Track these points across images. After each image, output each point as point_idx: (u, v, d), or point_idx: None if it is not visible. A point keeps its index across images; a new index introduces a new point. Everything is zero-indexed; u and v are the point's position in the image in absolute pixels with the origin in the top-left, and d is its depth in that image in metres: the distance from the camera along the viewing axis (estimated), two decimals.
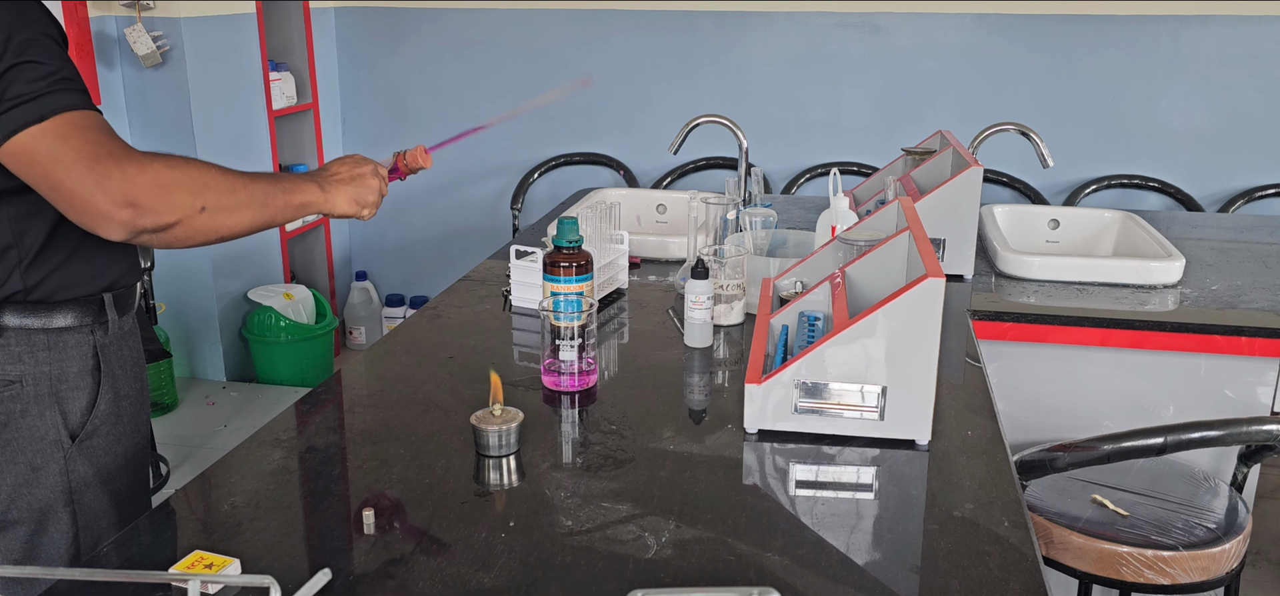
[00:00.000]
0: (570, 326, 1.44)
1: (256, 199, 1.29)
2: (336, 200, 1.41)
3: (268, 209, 1.31)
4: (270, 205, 1.31)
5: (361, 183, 1.45)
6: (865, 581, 1.02)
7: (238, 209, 1.27)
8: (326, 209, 1.41)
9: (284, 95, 3.91)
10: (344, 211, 1.43)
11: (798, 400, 1.31)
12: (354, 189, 1.44)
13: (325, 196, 1.40)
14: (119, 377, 1.38)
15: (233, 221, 1.27)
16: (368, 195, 1.45)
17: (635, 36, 3.93)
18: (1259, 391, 1.92)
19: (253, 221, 1.30)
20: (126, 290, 1.40)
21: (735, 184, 2.22)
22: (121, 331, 1.39)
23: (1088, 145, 3.68)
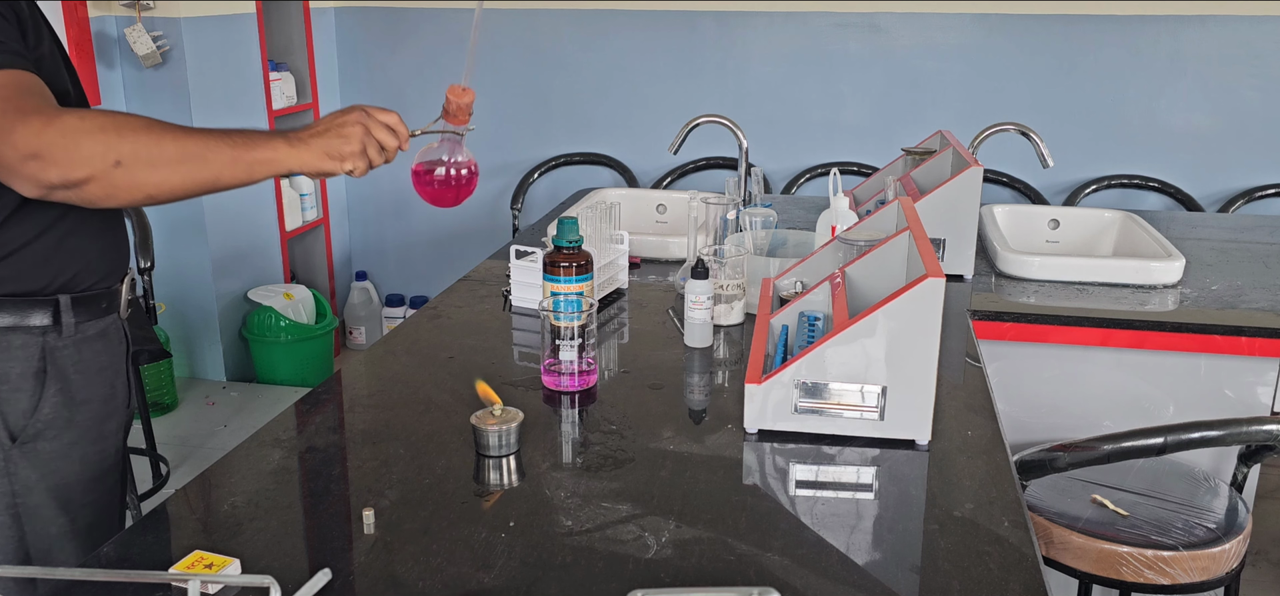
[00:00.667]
0: (570, 326, 1.44)
1: (190, 153, 1.17)
2: (304, 154, 1.24)
3: (208, 165, 1.18)
4: (211, 161, 1.18)
5: (338, 132, 1.26)
6: (865, 581, 1.02)
7: (164, 164, 1.15)
8: (295, 165, 1.24)
9: (284, 95, 3.91)
10: (317, 167, 1.25)
11: (798, 400, 1.31)
12: (327, 140, 1.25)
13: (293, 152, 1.23)
14: (74, 382, 1.30)
15: (159, 178, 1.16)
16: (345, 145, 1.25)
17: (635, 36, 3.93)
18: (1259, 391, 1.92)
19: (189, 179, 1.18)
20: (91, 291, 1.32)
21: (735, 184, 2.22)
22: (83, 335, 1.31)
23: (1088, 145, 3.68)
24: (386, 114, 1.30)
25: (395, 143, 1.30)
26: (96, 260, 1.32)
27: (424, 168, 1.37)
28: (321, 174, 1.26)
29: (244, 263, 3.82)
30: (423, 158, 1.39)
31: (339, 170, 1.27)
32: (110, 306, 1.36)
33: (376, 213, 4.41)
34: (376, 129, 1.28)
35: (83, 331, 1.31)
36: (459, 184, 1.33)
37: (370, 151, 1.28)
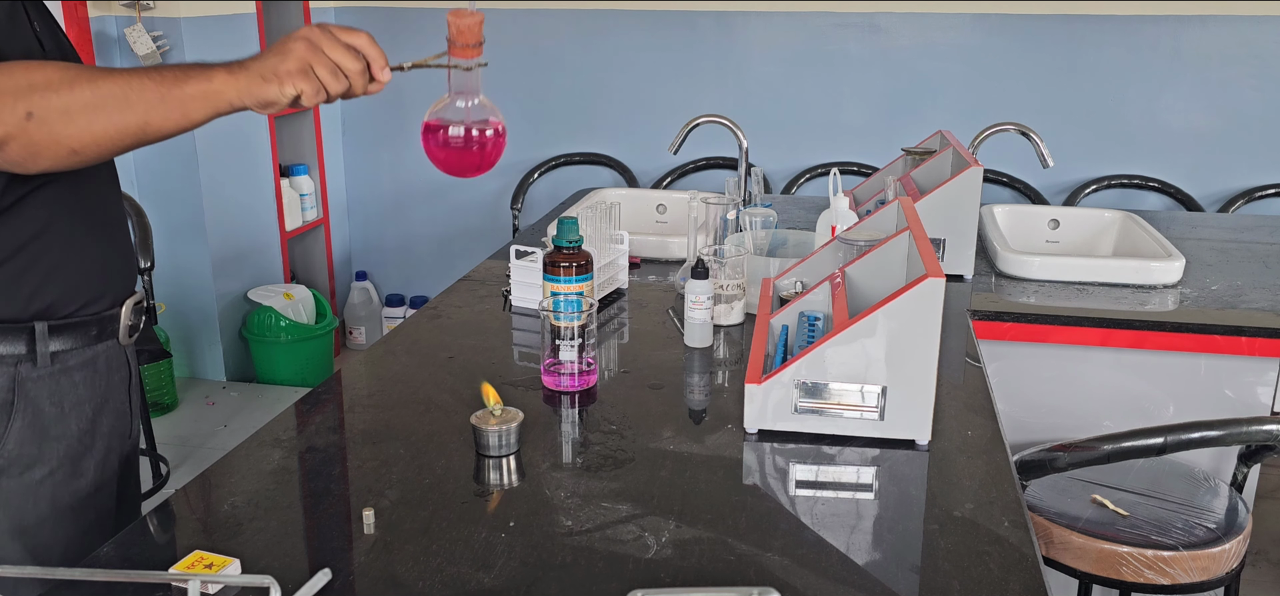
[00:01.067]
0: (570, 326, 1.44)
1: (110, 97, 1.05)
2: (240, 79, 1.08)
3: (132, 107, 1.06)
4: (135, 103, 1.06)
5: (278, 50, 1.09)
6: (865, 581, 1.02)
7: (82, 112, 1.04)
8: (232, 95, 1.08)
9: None
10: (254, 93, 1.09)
11: (798, 400, 1.31)
12: (264, 60, 1.09)
13: (230, 79, 1.08)
14: (47, 416, 1.19)
15: (78, 129, 1.04)
16: (283, 63, 1.08)
17: (635, 36, 3.93)
18: (1259, 391, 1.92)
19: (114, 127, 1.06)
20: (77, 318, 1.22)
21: (735, 184, 2.22)
22: (63, 366, 1.21)
23: (1088, 145, 3.68)
24: (352, 33, 1.12)
25: (358, 66, 1.11)
26: (84, 283, 1.22)
27: (436, 123, 1.13)
28: (265, 104, 1.09)
29: (244, 262, 3.82)
30: (436, 112, 1.15)
31: (280, 95, 1.09)
32: (103, 333, 1.26)
33: (376, 213, 4.41)
34: (330, 46, 1.10)
35: (63, 361, 1.21)
36: (481, 146, 1.06)
37: (320, 73, 1.09)
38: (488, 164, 1.04)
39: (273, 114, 1.09)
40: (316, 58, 1.09)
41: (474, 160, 1.05)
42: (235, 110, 1.10)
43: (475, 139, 1.03)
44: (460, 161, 1.04)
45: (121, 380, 1.32)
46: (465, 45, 1.03)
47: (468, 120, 1.01)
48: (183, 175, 3.55)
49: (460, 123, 1.01)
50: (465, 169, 1.05)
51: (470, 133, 1.02)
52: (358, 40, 1.13)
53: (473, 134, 1.02)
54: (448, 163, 1.04)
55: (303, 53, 1.09)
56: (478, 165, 1.05)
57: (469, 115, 1.01)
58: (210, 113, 1.09)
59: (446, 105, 1.05)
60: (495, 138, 1.05)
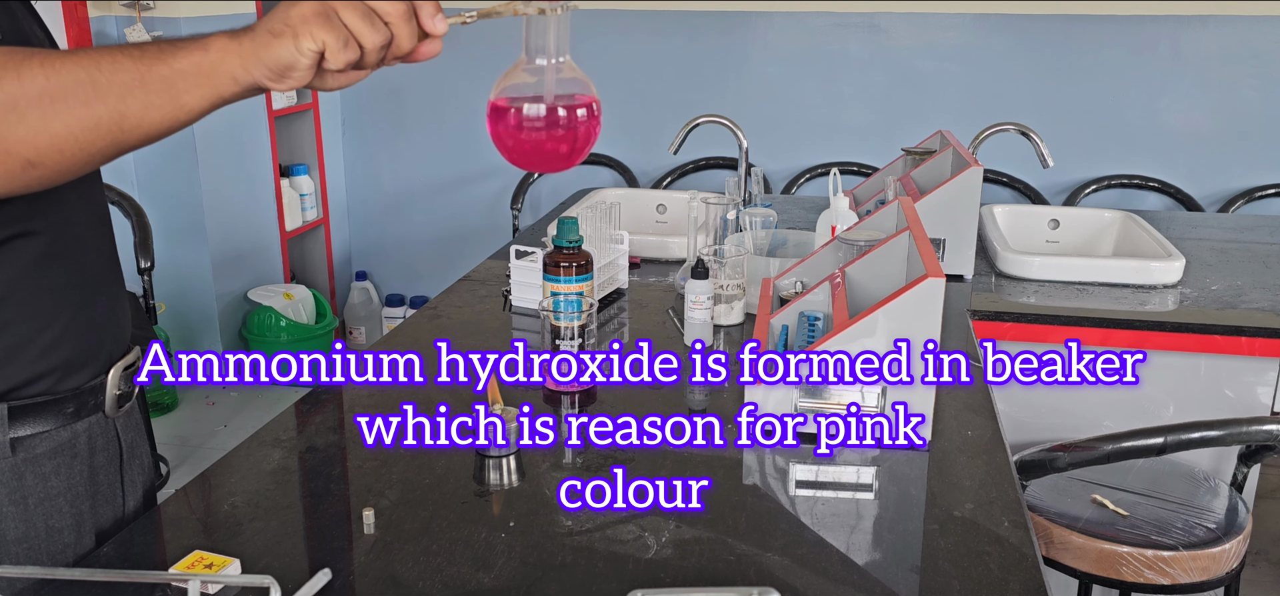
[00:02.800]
0: (570, 326, 1.44)
1: (76, 82, 0.81)
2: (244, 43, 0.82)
3: (102, 95, 0.81)
4: (106, 88, 0.81)
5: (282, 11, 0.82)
6: (865, 581, 1.02)
7: (36, 103, 0.80)
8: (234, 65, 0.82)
9: (284, 95, 3.91)
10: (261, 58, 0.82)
11: (798, 400, 1.31)
12: (272, 16, 0.82)
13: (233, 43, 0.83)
14: (8, 516, 1.00)
15: (33, 126, 0.81)
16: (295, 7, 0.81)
17: (635, 36, 3.93)
18: (1259, 391, 1.92)
19: (79, 121, 0.81)
20: (44, 396, 1.01)
21: (735, 184, 2.22)
22: (29, 453, 1.01)
23: (1088, 145, 3.68)
24: (370, 13, 0.83)
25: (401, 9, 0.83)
26: (55, 354, 1.01)
27: (508, 102, 0.84)
28: (279, 70, 0.82)
29: (244, 263, 3.82)
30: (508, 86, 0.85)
31: (296, 54, 0.81)
32: (82, 409, 1.05)
33: (376, 213, 4.41)
34: (348, 12, 0.81)
35: (29, 449, 1.00)
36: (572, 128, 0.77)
37: (347, 17, 0.81)
38: (579, 154, 0.78)
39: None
40: (329, 20, 0.80)
41: (562, 148, 0.78)
42: (244, 91, 0.83)
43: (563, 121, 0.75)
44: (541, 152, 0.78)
45: (109, 459, 1.11)
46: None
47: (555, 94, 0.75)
48: (183, 175, 3.55)
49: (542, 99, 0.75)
50: (549, 159, 0.79)
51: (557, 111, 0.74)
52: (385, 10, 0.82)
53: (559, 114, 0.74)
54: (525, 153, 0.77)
55: (313, 11, 0.80)
56: (568, 154, 0.78)
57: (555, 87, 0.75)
58: (210, 96, 0.83)
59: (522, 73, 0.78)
60: (589, 118, 0.78)
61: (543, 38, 0.80)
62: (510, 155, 0.81)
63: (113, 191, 2.94)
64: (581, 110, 0.79)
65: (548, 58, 0.79)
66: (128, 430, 1.16)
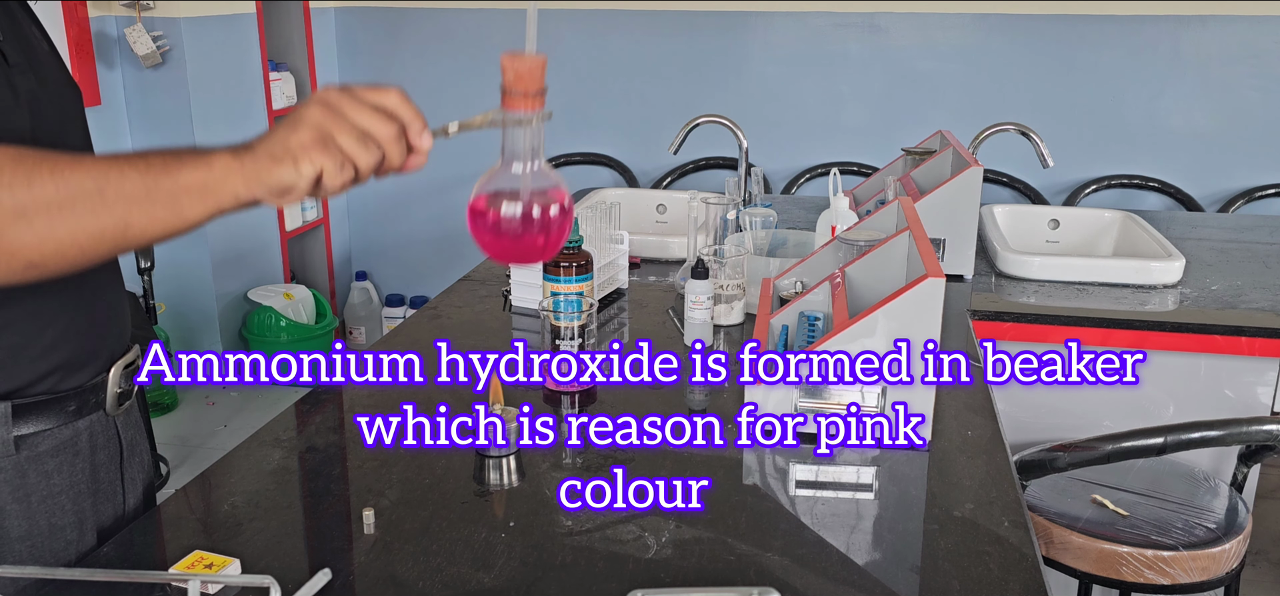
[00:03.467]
0: (570, 326, 1.44)
1: (79, 192, 0.82)
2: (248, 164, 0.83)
3: (108, 205, 0.83)
4: (112, 199, 0.83)
5: (290, 123, 0.84)
6: (865, 581, 1.02)
7: (44, 211, 0.82)
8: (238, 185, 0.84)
9: (284, 95, 3.91)
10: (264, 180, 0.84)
11: (798, 400, 1.31)
12: (272, 138, 0.84)
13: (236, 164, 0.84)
14: (11, 514, 1.02)
15: (39, 233, 0.82)
16: (295, 134, 0.83)
17: (635, 36, 3.93)
18: (1259, 391, 1.92)
19: (82, 230, 0.83)
20: (46, 395, 1.03)
21: (735, 184, 2.22)
22: (32, 451, 1.03)
23: (1088, 145, 3.68)
24: (379, 90, 0.86)
25: (391, 131, 0.85)
26: (56, 353, 1.03)
27: (487, 204, 0.86)
28: (278, 191, 0.84)
29: (244, 263, 3.82)
30: (485, 187, 0.87)
31: (295, 177, 0.83)
32: (83, 407, 1.07)
33: (376, 213, 4.41)
34: (353, 109, 0.84)
35: (31, 447, 1.02)
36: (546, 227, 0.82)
37: (343, 142, 0.83)
38: (553, 249, 0.83)
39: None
40: (337, 124, 0.83)
41: (536, 245, 0.82)
42: (244, 206, 0.85)
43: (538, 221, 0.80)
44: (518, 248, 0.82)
45: (110, 458, 1.13)
46: (525, 93, 0.80)
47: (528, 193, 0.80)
48: None
49: (518, 198, 0.80)
50: (525, 255, 0.83)
51: (531, 210, 0.79)
52: (387, 99, 0.87)
53: (533, 213, 0.79)
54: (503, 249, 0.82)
55: (319, 119, 0.83)
56: (542, 249, 0.83)
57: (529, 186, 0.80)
58: (211, 210, 0.85)
59: (499, 174, 0.82)
60: (561, 215, 0.83)
61: (518, 144, 0.84)
62: (489, 251, 0.86)
63: None
64: (554, 208, 0.84)
65: (524, 163, 0.83)
66: (128, 428, 1.18)
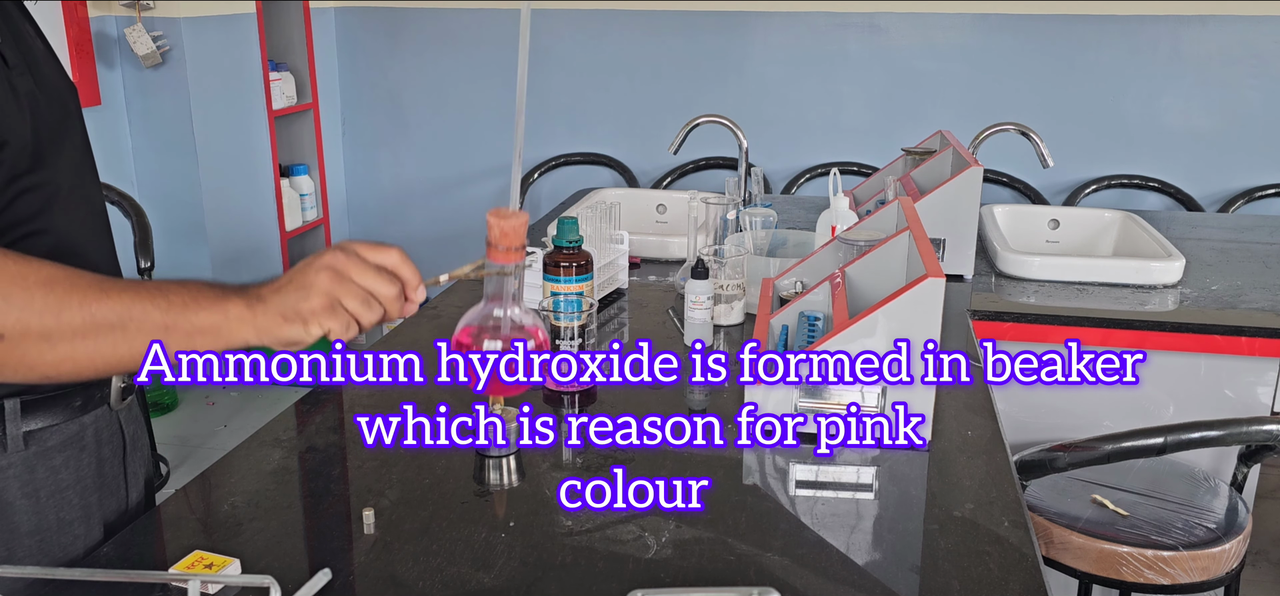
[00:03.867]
0: (570, 326, 1.44)
1: (104, 323, 0.87)
2: (260, 318, 0.91)
3: (128, 338, 0.88)
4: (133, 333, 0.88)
5: (300, 284, 0.92)
6: (865, 581, 1.02)
7: (66, 338, 0.87)
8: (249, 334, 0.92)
9: (284, 95, 3.91)
10: (275, 334, 0.92)
11: (798, 400, 1.31)
12: (285, 296, 0.92)
13: (248, 314, 0.91)
14: (19, 510, 1.04)
15: (59, 356, 0.87)
16: (306, 301, 0.91)
17: (635, 36, 3.93)
18: (1259, 391, 1.92)
19: (102, 357, 0.89)
20: (54, 390, 1.05)
21: (735, 184, 2.22)
22: (41, 446, 1.05)
23: (1088, 145, 3.68)
24: (381, 251, 0.95)
25: (392, 291, 0.94)
26: None
27: (470, 340, 0.98)
28: (286, 344, 0.93)
29: (244, 263, 3.82)
30: (469, 321, 0.98)
31: (304, 336, 0.92)
32: (89, 402, 1.10)
33: (376, 213, 4.41)
34: (359, 273, 0.93)
35: (41, 442, 1.05)
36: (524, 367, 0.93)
37: (349, 304, 0.92)
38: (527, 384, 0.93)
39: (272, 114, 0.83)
40: (344, 289, 0.92)
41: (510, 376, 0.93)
42: (250, 350, 0.94)
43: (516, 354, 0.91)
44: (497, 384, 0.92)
45: (114, 452, 1.15)
46: (508, 248, 0.92)
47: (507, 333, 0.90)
48: (183, 175, 3.55)
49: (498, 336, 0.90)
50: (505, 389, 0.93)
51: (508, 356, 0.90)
52: (388, 259, 0.95)
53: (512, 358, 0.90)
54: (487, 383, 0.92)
55: (327, 285, 0.91)
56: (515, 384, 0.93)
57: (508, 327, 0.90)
58: (221, 348, 0.93)
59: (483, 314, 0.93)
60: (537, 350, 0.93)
61: (501, 288, 0.93)
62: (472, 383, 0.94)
63: (113, 191, 2.94)
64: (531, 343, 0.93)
65: (505, 307, 0.92)
66: (129, 422, 1.19)
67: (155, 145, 3.56)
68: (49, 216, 1.05)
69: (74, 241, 1.09)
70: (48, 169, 1.04)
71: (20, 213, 1.01)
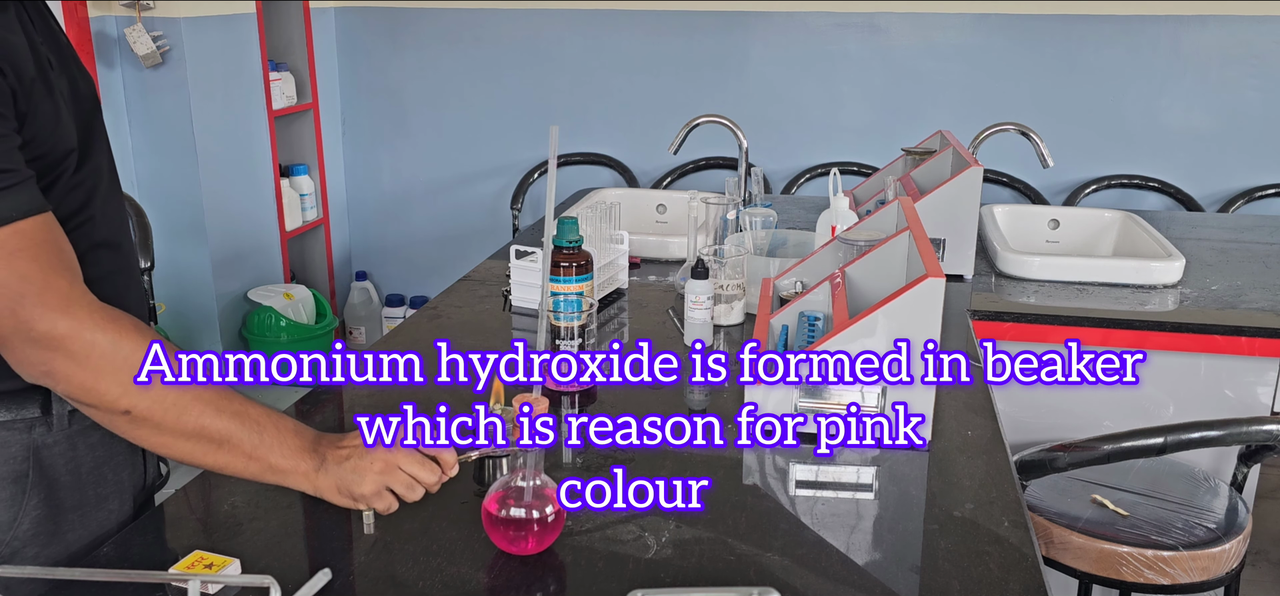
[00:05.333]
0: (570, 326, 1.44)
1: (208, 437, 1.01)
2: (321, 483, 1.05)
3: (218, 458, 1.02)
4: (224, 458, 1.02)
5: (355, 468, 1.05)
6: (865, 581, 1.02)
7: (174, 436, 1.00)
8: (308, 489, 1.06)
9: (284, 95, 3.91)
10: (330, 498, 1.07)
11: (798, 400, 1.31)
12: (343, 474, 1.05)
13: (312, 478, 1.05)
14: (64, 486, 1.10)
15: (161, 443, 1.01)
16: (358, 485, 1.05)
17: (635, 36, 3.93)
18: (1259, 391, 1.92)
19: (192, 459, 1.02)
20: None
21: (735, 184, 2.22)
22: (79, 426, 1.11)
23: (1088, 145, 3.68)
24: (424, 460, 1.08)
25: (435, 477, 1.09)
26: None
27: (497, 506, 1.07)
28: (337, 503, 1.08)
29: (244, 263, 3.82)
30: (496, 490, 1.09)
31: (352, 508, 1.09)
32: None
33: (376, 213, 4.41)
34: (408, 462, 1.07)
35: (80, 421, 1.10)
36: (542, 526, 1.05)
37: (397, 488, 1.07)
38: (544, 545, 1.06)
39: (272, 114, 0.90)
40: (394, 478, 1.06)
41: (531, 542, 1.05)
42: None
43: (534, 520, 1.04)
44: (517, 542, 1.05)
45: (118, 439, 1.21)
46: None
47: (528, 503, 1.04)
48: (183, 175, 3.55)
49: (521, 504, 1.04)
50: (523, 548, 1.05)
51: (530, 512, 1.04)
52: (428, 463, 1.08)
53: (532, 514, 1.03)
54: (505, 541, 1.05)
55: (376, 480, 1.06)
56: (536, 546, 1.05)
57: (529, 498, 1.04)
58: (279, 486, 1.07)
59: (507, 485, 1.06)
60: (556, 518, 1.05)
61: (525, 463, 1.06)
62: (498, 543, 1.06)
63: None
64: (550, 511, 1.05)
65: (527, 480, 1.05)
66: None
67: (155, 145, 3.56)
68: (92, 208, 1.10)
69: (113, 230, 1.14)
70: (90, 163, 1.09)
71: (70, 207, 1.06)
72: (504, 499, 1.05)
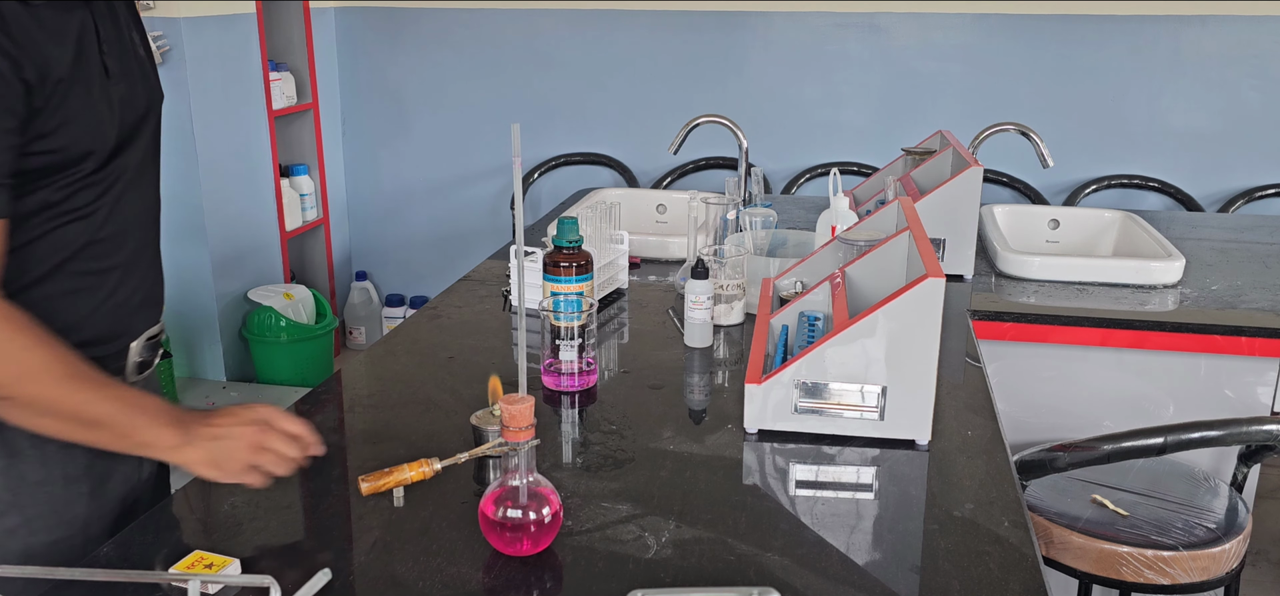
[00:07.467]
0: (570, 326, 1.44)
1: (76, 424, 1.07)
2: (188, 454, 1.09)
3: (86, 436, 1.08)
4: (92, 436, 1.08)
5: (225, 441, 1.09)
6: (865, 581, 1.02)
7: (46, 417, 1.06)
8: (178, 460, 1.10)
9: (284, 95, 3.91)
10: (200, 473, 1.10)
11: (798, 400, 1.31)
12: (212, 448, 1.09)
13: (179, 449, 1.09)
14: (28, 459, 1.14)
15: (34, 424, 1.07)
16: (229, 460, 1.08)
17: (635, 36, 3.93)
18: (1259, 391, 1.92)
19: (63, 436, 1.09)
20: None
21: (735, 184, 2.22)
22: None
23: (1088, 145, 3.68)
24: (292, 422, 1.12)
25: (300, 454, 1.13)
26: (86, 322, 1.16)
27: (494, 506, 1.07)
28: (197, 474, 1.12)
29: (244, 263, 3.82)
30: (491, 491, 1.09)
31: (217, 479, 1.10)
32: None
33: (376, 213, 4.41)
34: (274, 440, 1.10)
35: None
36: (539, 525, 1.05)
37: (266, 463, 1.10)
38: (542, 544, 1.06)
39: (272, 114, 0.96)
40: (262, 457, 1.10)
41: (527, 544, 1.05)
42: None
43: (531, 521, 1.04)
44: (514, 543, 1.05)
45: None
46: (517, 429, 1.05)
47: (524, 502, 1.05)
48: (183, 175, 3.55)
49: (517, 504, 1.04)
50: (520, 549, 1.05)
51: (526, 513, 1.04)
52: (297, 427, 1.13)
53: (528, 515, 1.04)
54: (505, 543, 1.06)
55: (246, 448, 1.09)
56: (532, 546, 1.05)
57: (524, 497, 1.05)
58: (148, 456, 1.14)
59: (502, 486, 1.07)
60: (552, 519, 1.05)
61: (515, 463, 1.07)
62: (495, 544, 1.06)
63: None
64: (547, 512, 1.05)
65: (521, 478, 1.06)
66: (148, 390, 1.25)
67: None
68: (100, 203, 1.13)
69: (121, 226, 1.17)
70: (114, 165, 1.13)
71: (77, 202, 1.10)
72: (500, 500, 1.05)
